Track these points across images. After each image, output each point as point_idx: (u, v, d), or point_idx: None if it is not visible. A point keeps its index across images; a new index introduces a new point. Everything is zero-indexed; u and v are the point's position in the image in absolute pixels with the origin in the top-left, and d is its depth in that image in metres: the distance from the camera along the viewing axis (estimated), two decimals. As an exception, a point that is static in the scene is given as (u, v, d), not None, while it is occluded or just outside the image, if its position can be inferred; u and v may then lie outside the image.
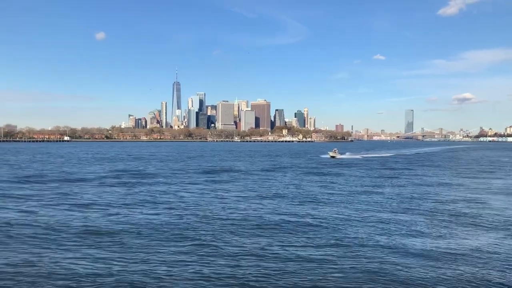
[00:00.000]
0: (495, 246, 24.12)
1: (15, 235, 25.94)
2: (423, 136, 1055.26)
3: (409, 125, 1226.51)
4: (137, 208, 36.12)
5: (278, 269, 19.61)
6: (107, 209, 35.52)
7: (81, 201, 39.93)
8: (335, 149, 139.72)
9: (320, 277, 18.48)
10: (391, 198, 43.44)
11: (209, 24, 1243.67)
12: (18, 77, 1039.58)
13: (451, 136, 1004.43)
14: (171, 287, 17.29)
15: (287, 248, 23.10)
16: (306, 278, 18.43)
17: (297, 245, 23.94)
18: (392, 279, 18.33)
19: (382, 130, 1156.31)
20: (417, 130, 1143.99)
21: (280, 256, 21.67)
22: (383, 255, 21.78)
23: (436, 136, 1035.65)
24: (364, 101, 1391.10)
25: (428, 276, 18.73)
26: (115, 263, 20.30)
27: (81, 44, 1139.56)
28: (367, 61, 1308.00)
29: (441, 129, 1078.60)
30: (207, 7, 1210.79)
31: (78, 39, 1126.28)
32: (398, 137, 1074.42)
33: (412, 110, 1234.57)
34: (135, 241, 24.62)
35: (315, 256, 21.54)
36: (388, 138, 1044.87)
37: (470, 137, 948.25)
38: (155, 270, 19.21)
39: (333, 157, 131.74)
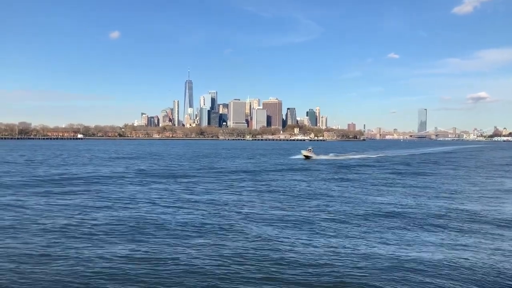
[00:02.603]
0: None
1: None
2: (436, 135, 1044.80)
3: (422, 124, 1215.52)
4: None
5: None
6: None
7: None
8: (310, 148, 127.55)
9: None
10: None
11: (222, 23, 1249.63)
12: (33, 76, 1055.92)
13: (464, 136, 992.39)
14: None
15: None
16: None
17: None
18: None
19: (395, 129, 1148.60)
20: (430, 129, 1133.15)
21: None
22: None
23: (449, 136, 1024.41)
24: (377, 100, 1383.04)
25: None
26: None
27: (95, 43, 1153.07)
28: (380, 60, 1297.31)
29: (455, 128, 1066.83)
30: (220, 6, 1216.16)
31: (92, 38, 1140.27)
32: (411, 136, 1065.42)
33: (426, 109, 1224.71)
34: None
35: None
36: (401, 137, 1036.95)
37: (484, 136, 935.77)
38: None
39: (307, 157, 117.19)
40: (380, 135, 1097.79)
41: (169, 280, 19.21)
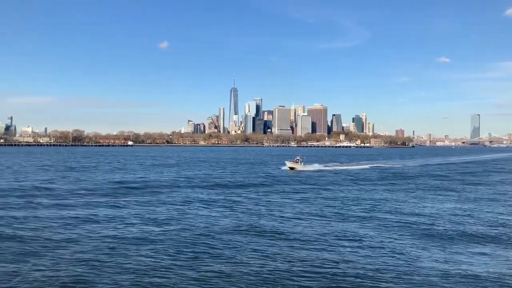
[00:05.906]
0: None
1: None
2: (490, 142, 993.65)
3: (475, 130, 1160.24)
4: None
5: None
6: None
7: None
8: (298, 157, 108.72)
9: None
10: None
11: (268, 30, 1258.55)
12: (86, 85, 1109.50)
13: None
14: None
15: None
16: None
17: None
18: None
19: (446, 136, 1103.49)
20: (483, 136, 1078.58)
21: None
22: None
23: (504, 142, 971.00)
24: (427, 106, 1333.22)
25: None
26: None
27: (145, 53, 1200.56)
28: (430, 64, 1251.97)
29: (510, 134, 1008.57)
30: (266, 14, 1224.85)
31: (142, 49, 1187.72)
32: (463, 142, 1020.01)
33: (479, 115, 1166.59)
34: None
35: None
36: (453, 143, 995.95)
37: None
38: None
39: (292, 168, 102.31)
40: (430, 141, 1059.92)
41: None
